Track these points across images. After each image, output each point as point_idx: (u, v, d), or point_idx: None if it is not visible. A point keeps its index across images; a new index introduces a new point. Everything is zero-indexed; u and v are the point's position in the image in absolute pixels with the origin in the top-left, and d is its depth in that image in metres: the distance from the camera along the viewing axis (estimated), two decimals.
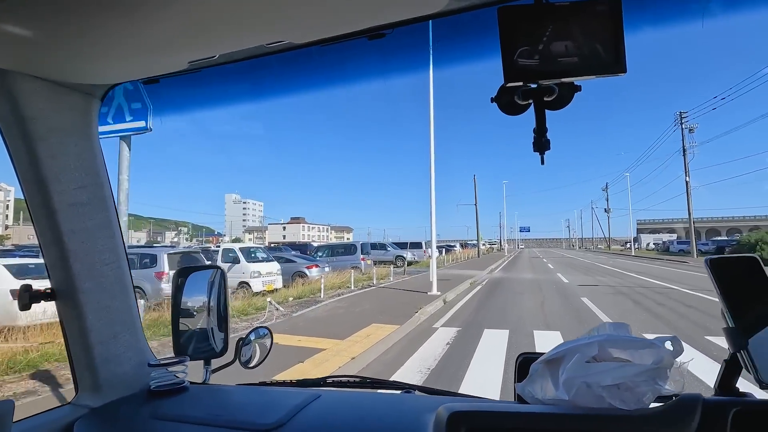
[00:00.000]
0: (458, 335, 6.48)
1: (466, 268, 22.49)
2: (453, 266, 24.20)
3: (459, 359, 5.14)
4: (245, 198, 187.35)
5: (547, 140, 0.66)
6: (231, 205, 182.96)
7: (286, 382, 1.13)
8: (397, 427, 0.78)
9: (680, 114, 32.19)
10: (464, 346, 5.79)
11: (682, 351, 0.62)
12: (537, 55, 0.60)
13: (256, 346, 1.18)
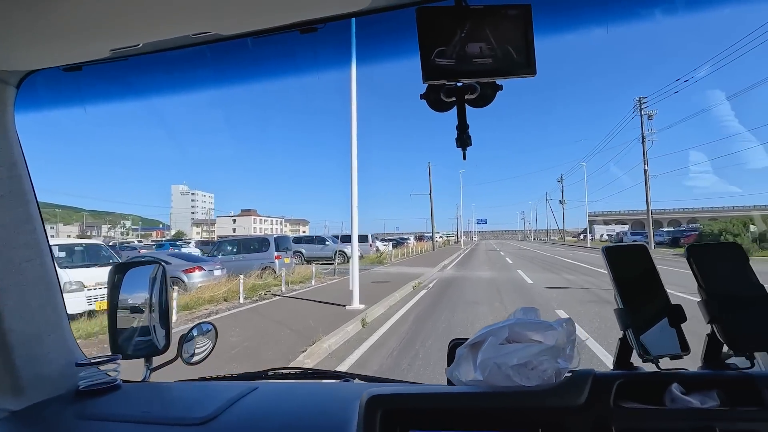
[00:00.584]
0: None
1: (415, 264, 19.42)
2: (400, 262, 21.09)
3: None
4: (194, 189, 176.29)
5: (468, 136, 0.69)
6: (178, 197, 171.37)
7: (227, 376, 1.14)
8: (328, 413, 0.81)
9: (639, 100, 30.85)
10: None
11: (574, 331, 0.69)
12: (453, 56, 0.63)
13: (198, 342, 1.16)
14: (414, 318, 7.32)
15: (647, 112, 30.93)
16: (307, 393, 0.95)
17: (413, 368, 4.48)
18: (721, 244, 0.75)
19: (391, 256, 22.33)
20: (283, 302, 9.12)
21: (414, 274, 14.35)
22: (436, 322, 6.81)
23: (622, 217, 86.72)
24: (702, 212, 78.32)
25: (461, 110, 0.67)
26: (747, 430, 0.59)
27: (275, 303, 9.00)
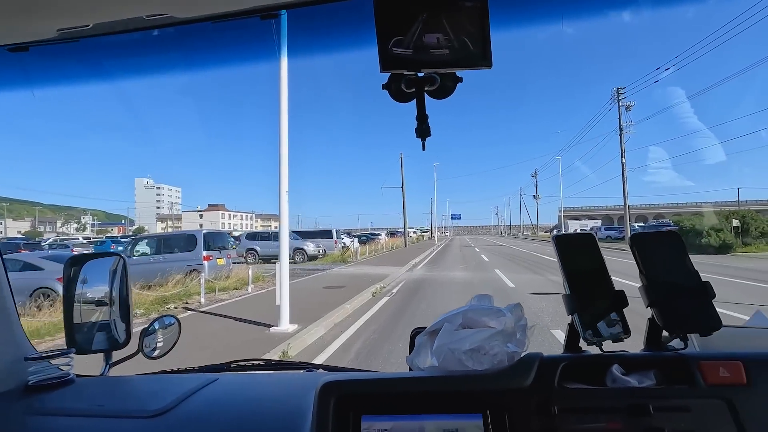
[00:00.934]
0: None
1: (382, 263, 17.44)
2: (367, 261, 19.09)
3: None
4: (159, 183, 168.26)
5: (427, 127, 0.69)
6: (142, 191, 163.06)
7: (188, 368, 1.12)
8: (286, 403, 0.82)
9: (617, 90, 29.85)
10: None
11: (522, 317, 0.71)
12: (411, 45, 0.63)
13: (161, 336, 1.15)
14: (361, 346, 5.29)
15: (625, 103, 29.93)
16: (267, 383, 0.98)
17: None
18: (662, 233, 0.78)
19: (357, 254, 20.28)
20: (192, 321, 6.90)
21: (378, 276, 12.35)
22: (390, 354, 4.79)
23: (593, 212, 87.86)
24: (667, 208, 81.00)
25: (420, 101, 0.68)
26: (678, 407, 0.63)
27: (182, 321, 6.79)
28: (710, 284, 0.72)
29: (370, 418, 0.63)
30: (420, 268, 15.76)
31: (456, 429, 0.62)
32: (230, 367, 1.11)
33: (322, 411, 0.63)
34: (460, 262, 19.04)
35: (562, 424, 0.62)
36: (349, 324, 6.58)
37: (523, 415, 0.63)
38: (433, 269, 15.27)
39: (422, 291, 9.75)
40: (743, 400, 0.62)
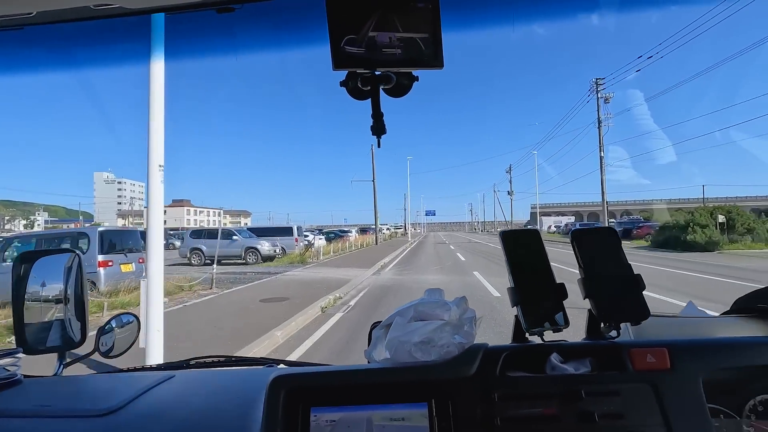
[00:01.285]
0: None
1: (347, 264, 15.36)
2: (331, 261, 16.98)
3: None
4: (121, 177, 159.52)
5: (383, 125, 0.70)
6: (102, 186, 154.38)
7: (145, 366, 1.14)
8: (241, 398, 0.82)
9: (596, 81, 28.77)
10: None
11: (468, 309, 0.74)
12: (363, 44, 0.64)
13: (119, 334, 1.13)
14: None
15: (604, 95, 28.85)
16: (225, 379, 0.97)
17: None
18: (600, 229, 0.82)
19: (320, 254, 18.09)
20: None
21: (337, 281, 10.26)
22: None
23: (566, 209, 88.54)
24: (634, 204, 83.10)
25: (375, 99, 0.69)
26: (608, 391, 0.66)
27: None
28: (641, 277, 0.77)
29: (318, 409, 0.65)
30: (389, 270, 13.77)
31: (402, 418, 0.64)
32: (189, 364, 1.11)
33: (271, 404, 0.65)
34: (434, 262, 17.18)
35: (501, 410, 0.65)
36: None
37: (466, 402, 0.65)
38: (403, 271, 13.32)
39: (387, 302, 7.75)
40: (666, 384, 0.66)
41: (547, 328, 0.73)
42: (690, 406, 0.65)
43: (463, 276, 11.68)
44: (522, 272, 0.77)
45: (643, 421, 0.63)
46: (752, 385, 0.74)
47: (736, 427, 0.73)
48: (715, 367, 0.69)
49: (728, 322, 0.96)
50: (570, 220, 58.63)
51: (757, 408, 0.73)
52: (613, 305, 0.75)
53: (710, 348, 0.72)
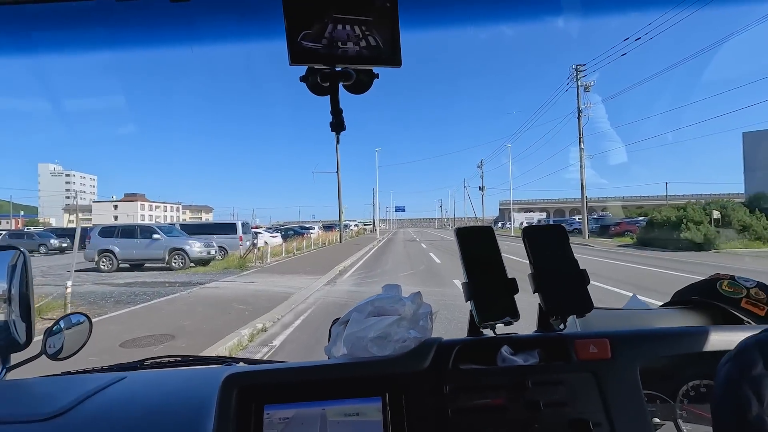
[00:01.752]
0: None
1: (296, 269, 12.42)
2: (279, 265, 14.02)
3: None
4: (69, 169, 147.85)
5: (342, 121, 0.70)
6: (48, 179, 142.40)
7: (95, 368, 1.07)
8: (196, 398, 0.79)
9: (576, 68, 27.02)
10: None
11: (422, 304, 0.76)
12: (321, 40, 0.64)
13: (68, 336, 1.06)
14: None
15: (584, 83, 27.09)
16: (179, 379, 0.95)
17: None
18: (550, 226, 0.84)
19: (267, 255, 14.99)
20: None
21: (272, 297, 7.45)
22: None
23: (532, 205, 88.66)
24: (597, 202, 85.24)
25: (335, 95, 0.68)
26: (553, 381, 0.68)
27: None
28: (586, 272, 0.80)
29: (272, 407, 0.64)
30: (348, 278, 10.99)
31: (357, 413, 0.64)
32: (143, 364, 1.07)
33: (223, 403, 0.64)
34: (405, 264, 14.54)
35: (452, 402, 0.66)
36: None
37: (419, 395, 0.66)
38: (366, 279, 10.57)
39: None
40: (606, 372, 0.69)
41: (498, 321, 0.75)
42: (627, 392, 0.68)
43: (440, 285, 9.08)
44: (476, 268, 0.79)
45: (585, 408, 0.66)
46: (685, 372, 0.78)
47: (670, 411, 0.78)
48: (653, 355, 0.73)
49: (666, 314, 1.01)
50: (541, 216, 57.83)
51: (690, 393, 0.78)
52: (560, 299, 0.77)
53: (648, 338, 0.75)
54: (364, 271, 12.42)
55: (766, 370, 0.41)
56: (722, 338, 0.73)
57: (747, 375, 0.41)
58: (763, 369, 0.41)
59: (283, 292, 8.10)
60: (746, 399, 0.40)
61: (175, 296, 8.30)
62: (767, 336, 0.44)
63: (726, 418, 0.41)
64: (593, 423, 0.64)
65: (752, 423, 0.39)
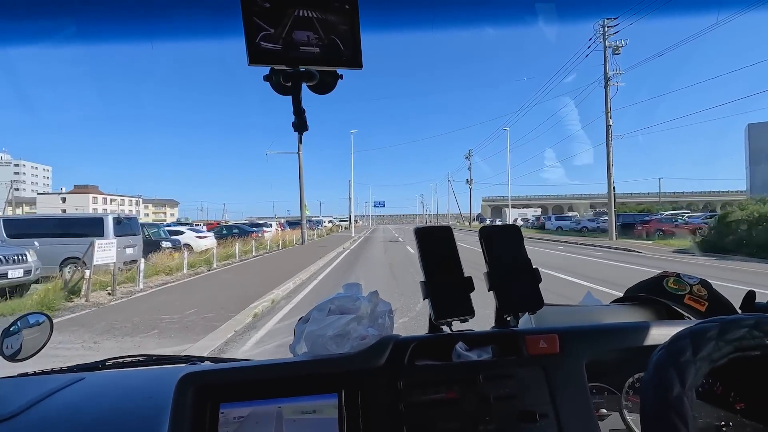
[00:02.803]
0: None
1: (166, 313, 6.15)
2: (155, 295, 7.70)
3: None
4: (19, 159, 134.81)
5: (304, 121, 0.70)
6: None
7: (54, 369, 1.05)
8: (153, 397, 0.79)
9: (603, 24, 21.49)
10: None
11: (378, 302, 0.78)
12: (280, 41, 0.63)
13: (27, 336, 1.04)
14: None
15: (612, 43, 21.51)
16: (140, 379, 0.94)
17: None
18: (505, 226, 0.85)
19: (140, 276, 8.54)
20: None
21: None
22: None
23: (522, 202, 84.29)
24: (567, 199, 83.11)
25: (297, 96, 0.68)
26: (505, 375, 0.70)
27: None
28: (538, 270, 0.82)
29: (228, 405, 0.64)
30: (275, 327, 4.85)
31: (314, 410, 0.65)
32: (104, 365, 1.06)
33: (179, 402, 0.63)
34: (386, 278, 8.48)
35: (407, 397, 0.67)
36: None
37: (374, 391, 0.67)
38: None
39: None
40: (555, 366, 0.71)
41: (454, 318, 0.76)
42: (574, 385, 0.70)
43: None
44: (433, 267, 0.79)
45: (534, 401, 0.68)
46: (631, 365, 0.79)
47: (616, 402, 0.79)
48: (599, 349, 0.75)
49: (615, 310, 1.05)
50: (535, 213, 53.00)
51: (635, 384, 0.79)
52: (513, 297, 0.79)
53: (595, 333, 0.78)
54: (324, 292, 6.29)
55: (694, 357, 0.44)
56: (664, 332, 0.75)
57: (675, 360, 0.44)
58: (690, 356, 0.44)
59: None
60: (670, 381, 0.42)
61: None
62: (701, 328, 0.47)
63: (649, 396, 0.43)
64: (540, 414, 0.67)
65: (672, 402, 0.41)
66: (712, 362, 0.44)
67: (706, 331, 0.46)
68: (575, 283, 8.14)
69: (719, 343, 0.45)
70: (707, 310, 0.94)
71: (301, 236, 22.34)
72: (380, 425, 0.65)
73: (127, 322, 5.63)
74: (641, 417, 0.43)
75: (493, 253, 0.81)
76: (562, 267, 10.53)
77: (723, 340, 0.45)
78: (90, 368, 1.03)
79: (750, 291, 0.91)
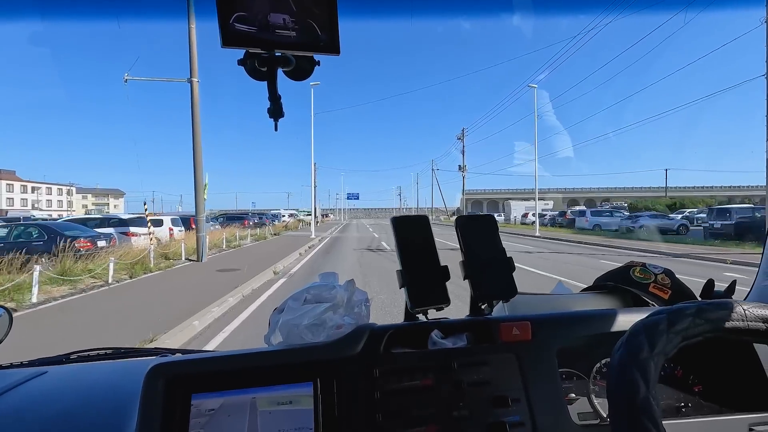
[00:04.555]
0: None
1: None
2: None
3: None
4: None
5: (280, 107, 0.68)
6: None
7: (15, 363, 1.01)
8: (121, 390, 0.77)
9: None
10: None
11: (354, 291, 0.79)
12: (255, 23, 0.61)
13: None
14: None
15: None
16: (107, 373, 0.91)
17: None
18: (481, 216, 0.86)
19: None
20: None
21: None
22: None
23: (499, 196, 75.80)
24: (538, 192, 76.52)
25: (273, 81, 0.66)
26: (479, 362, 0.72)
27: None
28: (512, 259, 0.82)
29: (200, 396, 0.63)
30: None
31: (289, 401, 0.64)
32: (69, 358, 1.02)
33: (148, 394, 0.62)
34: None
35: (383, 384, 0.68)
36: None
37: (350, 379, 0.68)
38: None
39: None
40: (527, 353, 0.73)
41: (430, 307, 0.77)
42: (545, 370, 0.72)
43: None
44: (410, 256, 0.79)
45: (507, 386, 0.70)
46: (599, 350, 0.82)
47: (584, 387, 0.81)
48: (569, 336, 0.77)
49: (585, 298, 1.09)
50: (547, 205, 43.64)
51: (602, 369, 0.82)
52: (487, 285, 0.80)
53: (566, 320, 0.80)
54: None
55: (651, 353, 0.45)
56: (629, 319, 0.77)
57: (635, 359, 0.45)
58: (648, 352, 0.45)
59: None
60: (635, 383, 0.43)
61: None
62: (652, 320, 0.48)
63: (618, 400, 0.44)
64: (512, 399, 0.69)
65: (640, 404, 0.42)
66: (666, 355, 0.46)
67: (658, 324, 0.47)
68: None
69: (669, 335, 0.46)
70: (670, 297, 0.97)
71: (198, 247, 11.36)
72: (356, 413, 0.66)
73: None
74: (611, 420, 0.44)
75: (469, 243, 0.82)
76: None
77: (672, 331, 0.47)
78: (53, 362, 0.99)
79: (709, 279, 0.97)
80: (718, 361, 0.84)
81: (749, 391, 0.81)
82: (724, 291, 0.95)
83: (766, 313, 0.48)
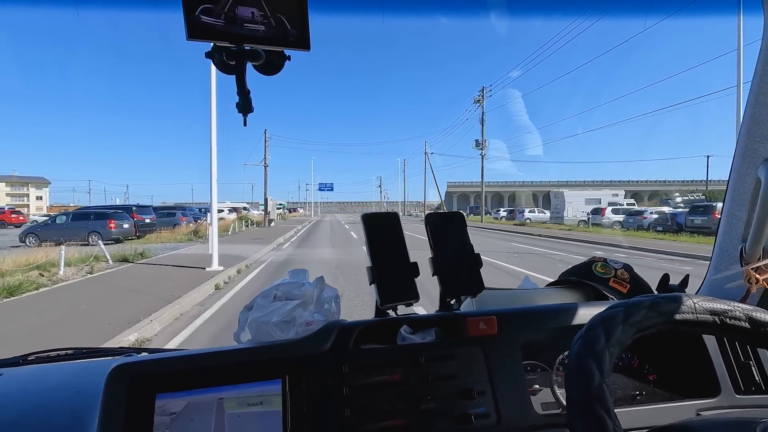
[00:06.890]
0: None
1: None
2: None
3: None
4: None
5: (249, 102, 0.66)
6: None
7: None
8: (81, 392, 0.76)
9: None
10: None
11: (324, 288, 0.79)
12: (222, 16, 0.60)
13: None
14: None
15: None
16: (67, 374, 0.88)
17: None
18: (450, 213, 0.86)
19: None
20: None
21: None
22: None
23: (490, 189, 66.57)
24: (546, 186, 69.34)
25: (241, 75, 0.65)
26: (446, 356, 0.73)
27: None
28: (480, 256, 0.84)
29: (164, 396, 0.62)
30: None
31: (259, 402, 0.64)
32: (26, 360, 0.97)
33: (110, 395, 0.61)
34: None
35: (351, 380, 0.68)
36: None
37: (319, 376, 0.68)
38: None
39: None
40: (493, 346, 0.75)
41: (400, 303, 0.78)
42: (509, 363, 0.75)
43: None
44: (380, 252, 0.79)
45: (473, 380, 0.72)
46: (561, 343, 0.83)
47: (548, 378, 0.83)
48: (533, 330, 0.80)
49: (549, 293, 1.11)
50: (615, 195, 32.07)
51: (564, 361, 0.84)
52: (455, 281, 0.81)
53: (530, 315, 0.83)
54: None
55: (607, 344, 0.47)
56: (589, 312, 0.80)
57: (592, 350, 0.47)
58: (604, 343, 0.47)
59: None
60: (590, 371, 0.45)
61: None
62: (610, 313, 0.50)
63: (574, 388, 0.46)
64: (478, 392, 0.71)
65: (594, 391, 0.44)
66: (621, 345, 0.48)
67: (614, 317, 0.49)
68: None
69: (625, 327, 0.48)
70: (629, 291, 1.03)
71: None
72: (324, 409, 0.66)
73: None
74: (568, 408, 0.46)
75: (437, 240, 0.83)
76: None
77: (628, 324, 0.48)
78: (8, 364, 0.95)
79: (665, 274, 0.97)
80: (671, 351, 0.88)
81: (698, 380, 0.86)
82: (678, 285, 0.97)
83: (714, 306, 0.51)
